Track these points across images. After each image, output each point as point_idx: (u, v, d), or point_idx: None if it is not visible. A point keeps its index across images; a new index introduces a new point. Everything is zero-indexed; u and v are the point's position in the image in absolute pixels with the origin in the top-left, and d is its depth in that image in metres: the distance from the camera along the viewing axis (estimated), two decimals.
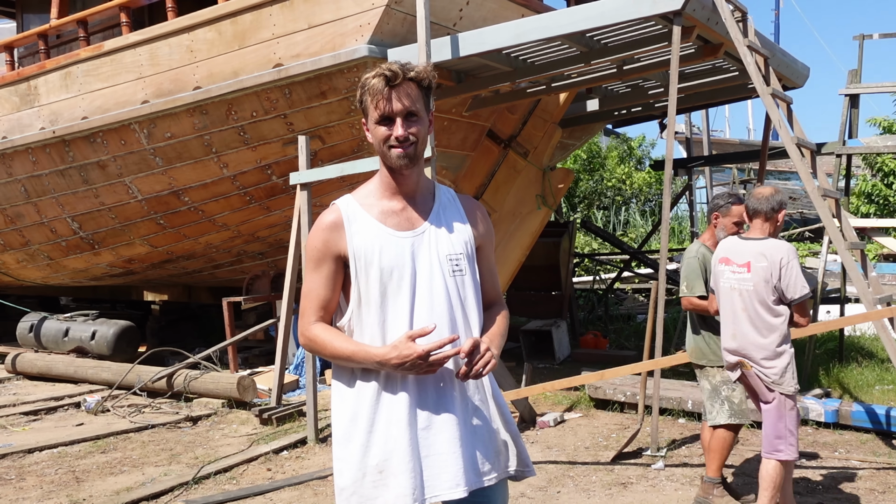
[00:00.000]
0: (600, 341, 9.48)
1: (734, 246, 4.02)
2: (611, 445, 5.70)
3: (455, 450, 2.10)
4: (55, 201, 8.93)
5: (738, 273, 3.91)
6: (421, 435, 2.10)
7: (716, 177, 22.63)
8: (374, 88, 2.08)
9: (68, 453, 5.96)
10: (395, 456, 2.07)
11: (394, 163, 2.12)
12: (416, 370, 2.04)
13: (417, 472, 2.07)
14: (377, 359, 2.05)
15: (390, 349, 2.04)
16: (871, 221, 7.96)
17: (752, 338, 3.84)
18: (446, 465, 2.09)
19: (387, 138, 2.10)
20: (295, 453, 5.83)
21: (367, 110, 2.14)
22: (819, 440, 5.66)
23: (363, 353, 2.08)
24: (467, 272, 2.21)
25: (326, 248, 2.15)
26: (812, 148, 5.85)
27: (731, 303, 3.95)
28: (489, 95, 7.39)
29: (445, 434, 2.10)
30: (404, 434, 2.07)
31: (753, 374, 3.84)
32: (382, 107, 2.08)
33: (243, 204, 8.01)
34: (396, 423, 2.08)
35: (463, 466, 2.10)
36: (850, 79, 8.35)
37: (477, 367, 2.07)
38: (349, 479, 2.11)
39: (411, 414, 2.09)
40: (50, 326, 9.54)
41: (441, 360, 2.04)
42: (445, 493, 2.10)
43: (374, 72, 2.10)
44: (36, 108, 8.46)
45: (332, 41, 6.50)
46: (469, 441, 2.14)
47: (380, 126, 2.11)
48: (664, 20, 5.62)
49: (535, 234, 8.23)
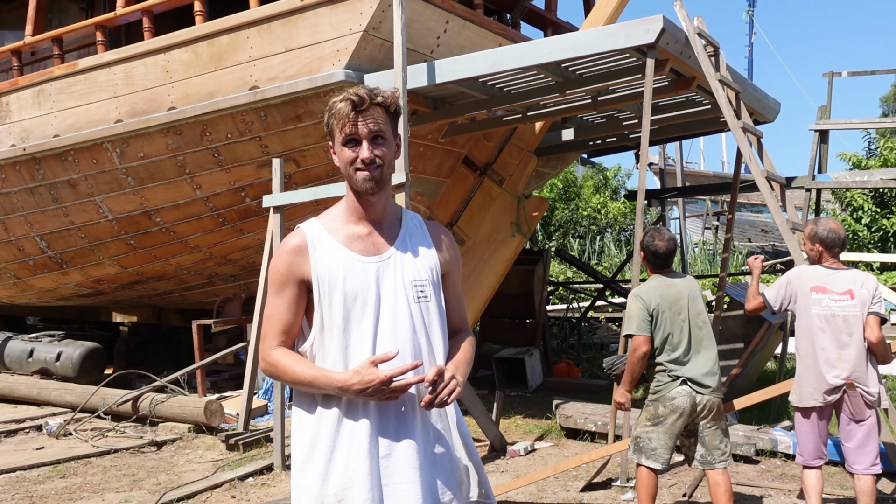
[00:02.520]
0: (573, 370, 9.47)
1: (826, 275, 4.29)
2: (580, 475, 5.67)
3: (414, 479, 2.07)
4: (23, 219, 8.80)
5: (839, 301, 4.20)
6: (382, 463, 2.06)
7: (689, 208, 22.89)
8: (340, 112, 2.08)
9: (26, 478, 5.81)
10: (355, 485, 2.04)
11: (360, 186, 2.11)
12: (377, 396, 2.01)
13: (377, 501, 2.04)
14: (339, 384, 2.02)
15: (352, 374, 2.01)
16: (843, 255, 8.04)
17: (860, 361, 4.16)
18: (405, 494, 2.06)
19: (353, 160, 2.10)
20: (261, 480, 5.73)
21: (333, 133, 2.13)
22: (787, 472, 5.67)
23: (324, 379, 2.05)
24: (432, 299, 2.19)
25: (290, 271, 2.12)
26: (781, 182, 5.92)
27: (835, 330, 4.18)
28: (465, 122, 7.43)
29: (406, 463, 2.07)
30: (364, 462, 2.04)
31: (858, 394, 4.14)
32: (348, 129, 2.08)
33: (216, 226, 7.94)
34: (357, 452, 2.05)
35: (422, 495, 2.07)
36: (819, 115, 8.51)
37: (441, 395, 2.05)
38: None
39: (372, 442, 2.06)
40: (14, 346, 9.34)
41: (403, 386, 2.01)
42: None
43: (342, 96, 2.09)
44: (7, 125, 8.36)
45: (308, 65, 6.50)
46: (429, 470, 2.11)
47: (345, 148, 2.11)
48: (638, 53, 5.70)
49: (509, 262, 8.23)
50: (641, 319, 4.12)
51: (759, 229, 23.16)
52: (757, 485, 5.37)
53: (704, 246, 23.06)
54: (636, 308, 4.14)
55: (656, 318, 4.13)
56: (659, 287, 4.21)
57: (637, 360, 4.13)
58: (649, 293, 4.18)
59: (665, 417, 4.14)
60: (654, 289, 4.20)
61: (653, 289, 4.20)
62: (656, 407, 4.18)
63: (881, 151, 16.61)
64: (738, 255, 20.72)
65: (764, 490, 5.27)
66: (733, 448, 5.88)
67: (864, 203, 15.99)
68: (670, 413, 4.13)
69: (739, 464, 5.85)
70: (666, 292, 4.18)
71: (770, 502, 5.05)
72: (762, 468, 5.78)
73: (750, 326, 7.76)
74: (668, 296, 4.18)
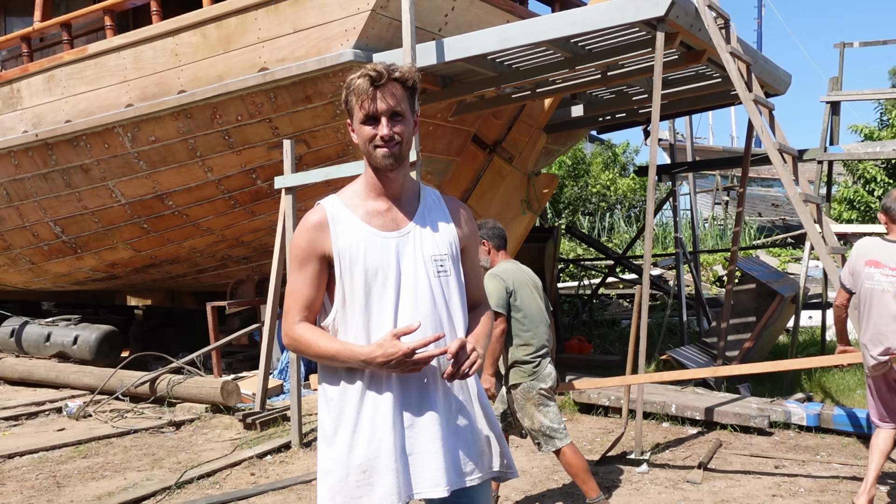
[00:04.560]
0: (585, 346, 9.51)
1: (881, 249, 4.22)
2: (595, 449, 5.72)
3: (437, 449, 2.11)
4: (37, 205, 8.86)
5: (890, 276, 4.12)
6: (406, 434, 2.10)
7: (699, 183, 22.79)
8: (359, 88, 2.09)
9: (49, 458, 5.91)
10: (380, 455, 2.07)
11: (379, 162, 2.13)
12: (400, 368, 2.04)
13: (402, 472, 2.08)
14: (362, 357, 2.05)
15: (375, 347, 2.04)
16: (852, 227, 8.05)
17: None
18: (428, 464, 2.10)
19: (372, 138, 2.11)
20: (279, 458, 5.81)
21: (352, 111, 2.14)
22: (801, 444, 5.70)
23: (348, 352, 2.08)
24: (452, 273, 2.21)
25: (311, 247, 2.14)
26: (794, 154, 5.91)
27: (885, 304, 4.13)
28: (474, 101, 7.41)
29: (429, 433, 2.11)
30: (389, 434, 2.08)
31: None
32: (367, 106, 2.09)
33: (228, 208, 7.98)
34: (381, 423, 2.09)
35: (444, 466, 2.11)
36: (831, 86, 8.45)
37: (463, 367, 2.08)
38: (335, 479, 2.11)
39: (396, 413, 2.09)
40: (31, 331, 9.45)
41: (426, 358, 2.04)
42: (426, 492, 2.11)
43: (359, 72, 2.10)
44: (19, 112, 8.40)
45: (317, 45, 6.50)
46: (451, 441, 2.15)
47: (365, 126, 2.12)
48: (648, 26, 5.67)
49: (519, 240, 8.25)
50: (499, 297, 4.13)
51: (769, 203, 23.07)
52: (770, 456, 5.40)
53: (714, 221, 22.99)
54: (495, 287, 4.13)
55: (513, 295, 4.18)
56: (514, 269, 4.28)
57: (496, 338, 4.12)
58: (506, 274, 4.22)
59: (552, 392, 4.25)
60: (510, 270, 4.26)
61: (509, 270, 4.26)
62: (538, 388, 4.20)
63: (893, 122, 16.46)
64: (748, 230, 20.67)
65: (778, 461, 5.31)
66: (748, 420, 5.93)
67: (876, 174, 15.86)
68: (553, 385, 4.24)
69: (753, 435, 5.90)
70: (518, 274, 4.26)
71: (784, 472, 5.08)
72: (776, 440, 5.82)
73: (762, 300, 7.77)
74: (521, 277, 4.26)
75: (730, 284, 7.75)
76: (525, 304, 4.20)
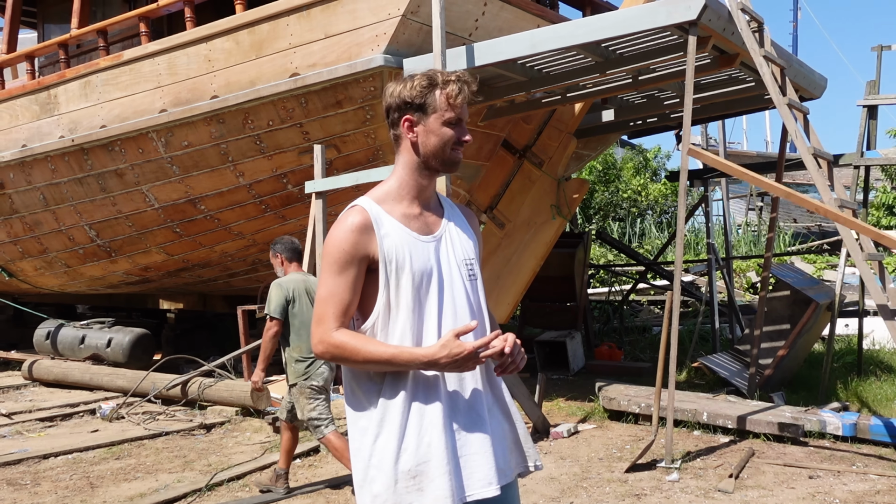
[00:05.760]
0: (615, 353, 9.43)
1: None
2: (625, 457, 5.66)
3: (486, 448, 2.12)
4: (73, 209, 9.02)
5: None
6: (456, 436, 2.10)
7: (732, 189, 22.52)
8: (453, 91, 2.13)
9: (83, 459, 5.99)
10: (431, 459, 2.06)
11: (453, 164, 2.18)
12: (463, 367, 2.04)
13: (454, 475, 2.07)
14: (425, 359, 2.03)
15: (439, 348, 2.02)
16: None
17: None
18: (479, 464, 2.11)
19: (451, 139, 2.15)
20: (308, 461, 5.83)
21: (429, 107, 2.14)
22: (836, 454, 5.59)
23: (407, 355, 2.05)
24: (479, 277, 2.24)
25: (356, 250, 2.09)
26: (829, 159, 5.81)
27: None
28: (504, 105, 7.41)
29: (477, 434, 2.12)
30: (439, 438, 2.06)
31: None
32: (458, 111, 2.15)
33: (259, 212, 8.05)
34: (429, 428, 2.07)
35: (494, 464, 2.13)
36: (868, 90, 8.29)
37: (517, 360, 2.08)
38: (381, 486, 2.08)
39: (445, 416, 2.09)
40: (66, 334, 9.61)
41: (490, 355, 2.05)
42: (479, 492, 2.10)
43: (446, 76, 2.15)
44: (56, 117, 8.56)
45: (348, 51, 6.54)
46: (494, 439, 2.16)
47: (447, 127, 2.14)
48: (680, 30, 5.62)
49: (549, 245, 8.21)
50: (278, 304, 4.86)
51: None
52: (805, 466, 5.30)
53: (748, 227, 22.70)
54: (276, 294, 4.88)
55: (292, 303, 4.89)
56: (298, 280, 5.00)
57: (268, 339, 4.88)
58: (289, 284, 4.95)
59: (324, 388, 4.90)
60: (293, 281, 4.98)
61: (292, 281, 4.98)
62: (309, 385, 4.85)
63: None
64: (783, 236, 20.37)
65: (812, 471, 5.21)
66: (781, 429, 5.84)
67: None
68: (327, 382, 4.91)
69: (786, 445, 5.79)
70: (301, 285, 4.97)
71: (818, 483, 4.98)
72: (810, 450, 5.71)
73: (796, 307, 7.64)
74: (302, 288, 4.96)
75: (763, 291, 7.64)
76: (302, 311, 4.91)
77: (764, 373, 7.44)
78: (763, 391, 7.16)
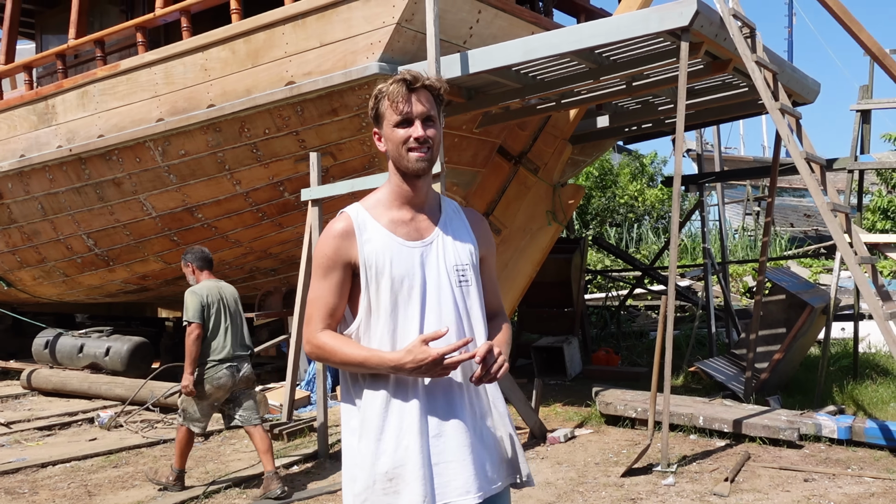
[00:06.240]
0: (612, 358, 9.45)
1: None
2: (621, 461, 5.68)
3: (465, 456, 2.11)
4: (71, 218, 9.04)
5: None
6: (432, 442, 2.10)
7: (729, 193, 22.59)
8: (393, 92, 2.12)
9: (81, 468, 6.00)
10: (407, 463, 2.07)
11: (413, 165, 2.13)
12: (429, 374, 2.05)
13: (428, 480, 2.07)
14: (391, 363, 2.05)
15: (405, 353, 2.04)
16: (883, 237, 7.92)
17: None
18: (457, 472, 2.10)
19: (405, 140, 2.12)
20: (305, 468, 5.85)
21: (382, 116, 2.16)
22: (832, 457, 5.61)
23: (377, 359, 2.08)
24: (472, 283, 2.23)
25: (337, 255, 2.15)
26: (822, 163, 5.84)
27: None
28: (499, 112, 7.44)
29: (456, 441, 2.11)
30: (415, 441, 2.08)
31: None
32: (402, 108, 2.11)
33: (256, 220, 8.08)
34: (407, 431, 2.09)
35: (474, 473, 2.11)
36: (861, 94, 8.34)
37: (493, 370, 2.08)
38: (361, 486, 2.12)
39: (422, 421, 2.10)
40: (65, 343, 9.62)
41: (455, 362, 2.05)
42: (456, 500, 2.10)
43: (392, 79, 2.14)
44: (53, 127, 8.59)
45: (343, 59, 6.58)
46: (477, 448, 2.15)
47: (398, 129, 2.13)
48: (672, 36, 5.66)
49: (545, 251, 8.23)
50: (195, 309, 5.14)
51: (801, 214, 22.77)
52: (800, 469, 5.33)
53: (745, 232, 22.75)
54: (192, 301, 5.17)
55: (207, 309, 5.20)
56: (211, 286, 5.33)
57: (192, 342, 5.14)
58: (202, 290, 5.26)
59: (211, 394, 5.22)
60: (207, 287, 5.31)
61: (206, 287, 5.30)
62: (203, 386, 5.19)
63: None
64: (779, 240, 20.42)
65: (808, 474, 5.23)
66: (777, 433, 5.86)
67: None
68: (217, 389, 5.22)
69: (782, 448, 5.82)
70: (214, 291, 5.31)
71: (814, 486, 5.01)
72: (806, 453, 5.73)
73: (792, 311, 7.67)
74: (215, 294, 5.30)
75: (759, 295, 7.67)
76: (219, 315, 5.26)
77: (760, 377, 7.47)
78: (759, 395, 7.19)
